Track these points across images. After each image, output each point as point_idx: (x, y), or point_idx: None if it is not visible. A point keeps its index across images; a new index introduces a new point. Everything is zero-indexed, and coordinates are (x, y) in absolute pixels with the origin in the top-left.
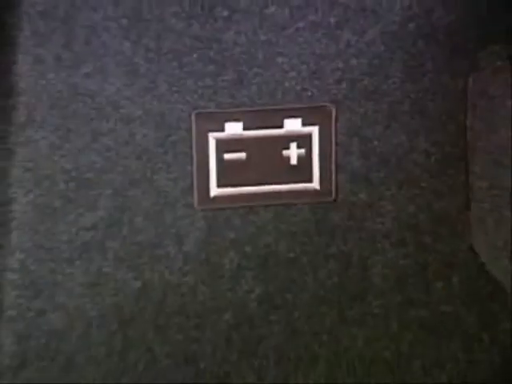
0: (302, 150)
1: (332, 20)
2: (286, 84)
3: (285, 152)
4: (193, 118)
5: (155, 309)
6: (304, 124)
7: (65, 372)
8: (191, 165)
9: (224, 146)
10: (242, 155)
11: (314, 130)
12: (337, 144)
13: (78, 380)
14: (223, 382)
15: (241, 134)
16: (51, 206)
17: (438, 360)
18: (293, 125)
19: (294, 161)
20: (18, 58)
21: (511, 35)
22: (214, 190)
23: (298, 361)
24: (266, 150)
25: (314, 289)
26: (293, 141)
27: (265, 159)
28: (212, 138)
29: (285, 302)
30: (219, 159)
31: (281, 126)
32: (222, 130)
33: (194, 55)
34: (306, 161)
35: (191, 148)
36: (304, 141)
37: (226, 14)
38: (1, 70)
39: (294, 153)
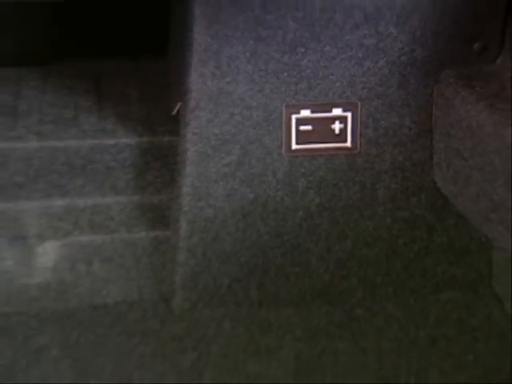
0: (342, 125)
1: (360, 54)
2: (334, 90)
3: (332, 126)
4: (283, 107)
5: (260, 208)
6: (343, 111)
7: (219, 241)
8: (281, 132)
9: (300, 122)
10: (309, 127)
11: (349, 115)
12: (360, 123)
13: (225, 246)
14: (296, 248)
15: (308, 116)
16: (206, 153)
17: (412, 238)
18: (337, 111)
19: (337, 131)
20: (191, 73)
21: (461, 64)
22: (294, 146)
23: (336, 237)
24: (322, 124)
25: (345, 200)
26: (337, 120)
27: (321, 130)
28: (294, 117)
29: (330, 206)
30: (297, 129)
31: (330, 111)
32: (299, 113)
33: (285, 73)
34: (343, 131)
35: (282, 123)
36: (343, 120)
37: (302, 50)
38: (180, 81)
39: (337, 127)
